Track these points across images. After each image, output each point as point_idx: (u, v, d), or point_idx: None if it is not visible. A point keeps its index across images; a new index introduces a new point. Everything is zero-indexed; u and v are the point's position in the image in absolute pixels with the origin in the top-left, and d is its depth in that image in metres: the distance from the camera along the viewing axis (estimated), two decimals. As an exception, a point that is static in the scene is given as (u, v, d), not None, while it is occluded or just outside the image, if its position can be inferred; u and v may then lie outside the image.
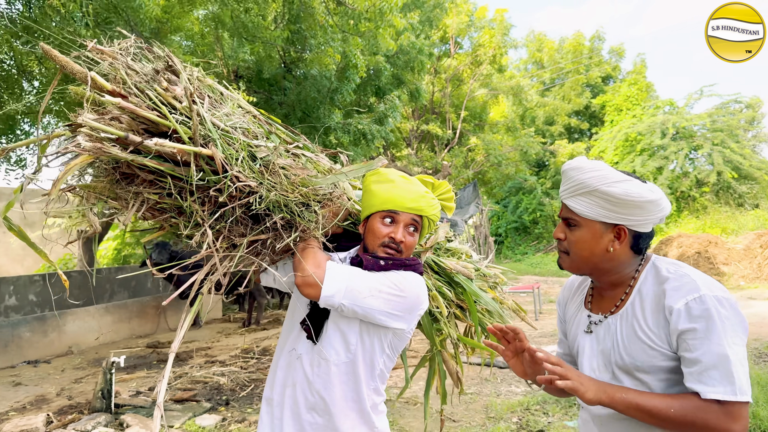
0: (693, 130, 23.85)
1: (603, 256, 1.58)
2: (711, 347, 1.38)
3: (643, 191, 1.51)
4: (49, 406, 6.02)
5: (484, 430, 5.05)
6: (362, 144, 9.75)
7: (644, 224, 1.55)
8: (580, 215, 1.58)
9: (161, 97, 1.75)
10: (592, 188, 1.53)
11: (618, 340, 1.56)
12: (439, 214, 1.98)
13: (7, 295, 9.18)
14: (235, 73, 9.88)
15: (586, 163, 1.58)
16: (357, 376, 1.89)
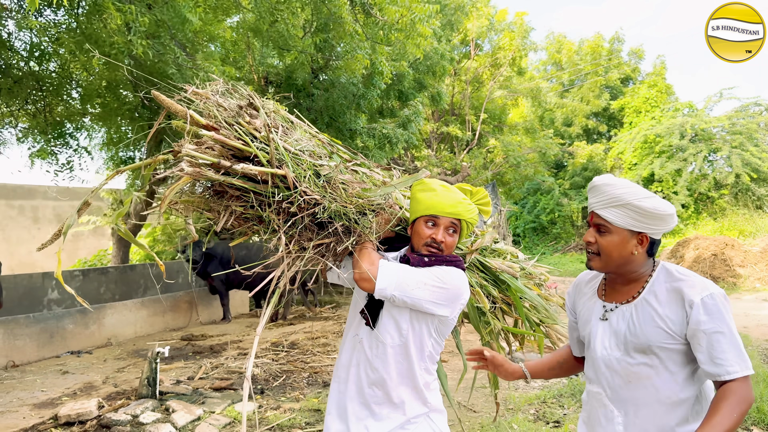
0: (712, 133, 23.88)
1: (627, 258, 1.91)
2: (723, 335, 1.75)
3: (666, 206, 1.86)
4: (98, 392, 6.48)
5: (503, 420, 5.39)
6: (386, 148, 10.13)
7: (660, 232, 1.90)
8: (612, 224, 1.90)
9: (245, 128, 2.16)
10: (625, 202, 1.85)
11: (634, 324, 1.90)
12: (477, 217, 2.32)
13: (50, 289, 9.72)
14: (265, 79, 10.31)
15: (617, 180, 1.91)
16: (409, 357, 2.27)
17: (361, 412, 2.32)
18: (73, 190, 16.65)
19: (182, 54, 6.55)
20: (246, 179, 2.16)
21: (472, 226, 2.33)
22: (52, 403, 6.13)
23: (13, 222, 15.01)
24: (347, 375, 2.36)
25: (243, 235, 2.57)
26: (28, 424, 5.40)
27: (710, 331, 1.76)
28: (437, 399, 2.40)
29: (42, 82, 7.49)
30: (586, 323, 2.10)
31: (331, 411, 2.40)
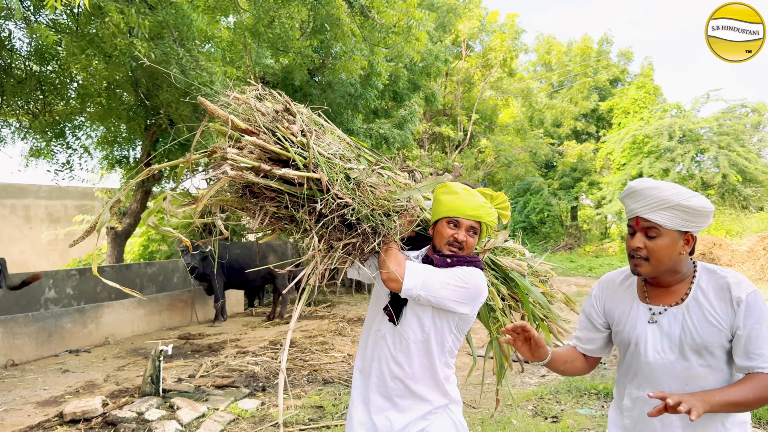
0: (699, 134, 24.21)
1: (676, 259, 1.93)
2: (763, 332, 1.83)
3: (709, 203, 1.91)
4: (100, 390, 6.53)
5: (502, 416, 5.50)
6: (383, 148, 10.22)
7: (701, 229, 1.95)
8: (662, 226, 1.90)
9: (283, 133, 2.25)
10: (674, 203, 1.86)
11: (689, 325, 1.93)
12: (496, 220, 2.44)
13: (47, 288, 9.73)
14: (262, 79, 10.36)
15: (660, 183, 1.92)
16: (431, 352, 2.38)
17: (384, 404, 2.43)
18: (66, 189, 16.59)
19: (186, 55, 6.60)
20: (282, 181, 2.25)
21: (491, 228, 2.43)
22: (55, 401, 6.17)
23: (5, 221, 14.93)
24: (370, 369, 2.46)
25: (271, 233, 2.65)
26: (33, 421, 5.44)
27: (750, 326, 1.84)
28: (456, 391, 2.51)
29: (43, 82, 7.51)
30: (632, 328, 2.09)
31: (356, 401, 2.51)
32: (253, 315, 12.11)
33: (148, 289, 11.82)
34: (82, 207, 16.04)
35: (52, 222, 15.97)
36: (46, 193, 16.09)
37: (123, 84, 8.27)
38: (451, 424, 2.47)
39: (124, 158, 12.00)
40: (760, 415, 5.12)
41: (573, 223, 29.39)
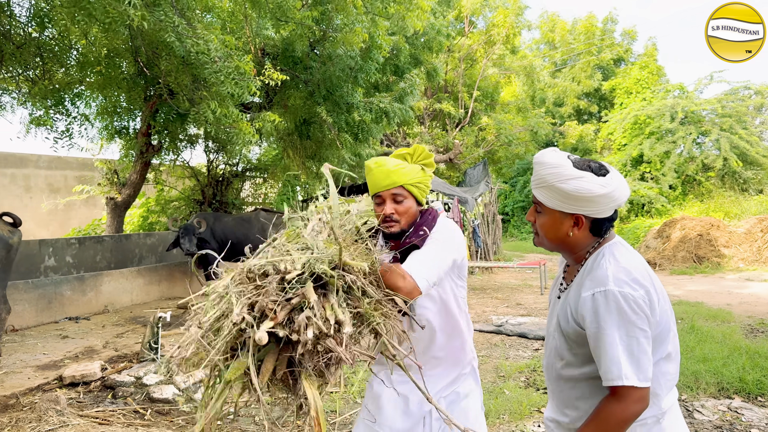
0: (702, 115, 24.11)
1: (564, 239, 1.79)
2: (602, 339, 1.62)
3: (593, 187, 1.67)
4: (99, 355, 6.62)
5: (495, 387, 5.59)
6: (384, 121, 10.20)
7: (600, 213, 1.73)
8: (544, 204, 1.79)
9: None
10: (548, 184, 1.73)
11: (563, 308, 1.83)
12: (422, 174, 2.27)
13: (47, 257, 9.79)
14: (262, 50, 10.31)
15: (548, 158, 1.75)
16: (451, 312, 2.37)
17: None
18: (65, 159, 16.59)
19: (182, 23, 6.56)
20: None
21: (422, 184, 2.30)
22: (55, 365, 6.26)
23: (5, 190, 14.95)
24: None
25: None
26: (33, 384, 5.53)
27: (591, 330, 1.66)
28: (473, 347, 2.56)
29: (42, 48, 7.48)
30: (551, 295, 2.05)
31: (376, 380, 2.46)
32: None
33: (147, 260, 11.90)
34: (81, 177, 16.04)
35: (52, 192, 15.99)
36: (46, 163, 16.09)
37: (123, 52, 8.23)
38: (475, 383, 2.51)
39: (123, 129, 11.98)
40: (749, 390, 5.20)
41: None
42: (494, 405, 4.92)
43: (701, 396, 5.13)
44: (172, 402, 5.14)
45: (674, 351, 1.78)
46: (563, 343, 1.82)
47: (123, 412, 4.87)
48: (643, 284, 1.65)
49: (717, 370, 5.53)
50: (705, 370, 5.53)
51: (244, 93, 7.18)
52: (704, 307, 9.04)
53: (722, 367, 5.62)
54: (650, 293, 1.65)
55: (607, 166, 1.77)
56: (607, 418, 1.64)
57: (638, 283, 1.64)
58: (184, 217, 13.18)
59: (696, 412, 4.77)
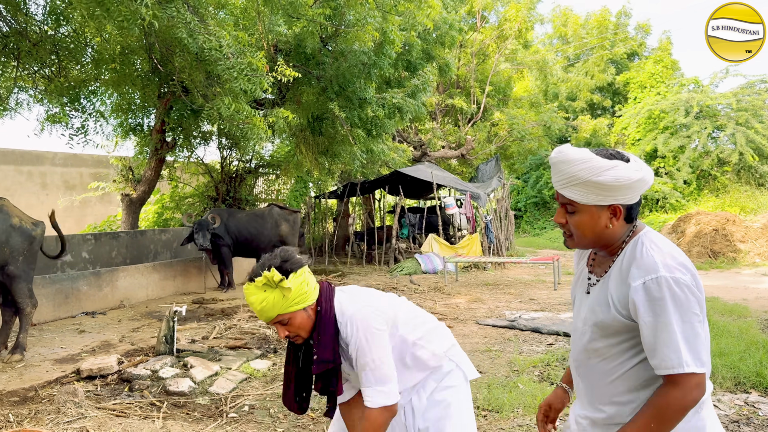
0: (717, 109, 23.85)
1: (603, 233, 1.74)
2: (662, 327, 1.57)
3: (629, 173, 1.67)
4: (116, 349, 6.69)
5: (509, 381, 5.58)
6: (396, 117, 10.20)
7: (634, 199, 1.72)
8: (577, 202, 1.73)
9: None
10: (584, 180, 1.68)
11: (595, 300, 1.78)
12: (284, 300, 2.15)
13: (63, 252, 9.89)
14: (274, 47, 10.34)
15: (573, 155, 1.72)
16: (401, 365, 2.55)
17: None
18: (80, 156, 16.76)
19: (194, 19, 6.60)
20: None
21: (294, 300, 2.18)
22: (72, 358, 6.34)
23: (22, 188, 15.14)
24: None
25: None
26: (51, 377, 5.60)
27: (648, 319, 1.61)
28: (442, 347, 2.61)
29: (58, 45, 7.56)
30: (574, 296, 2.00)
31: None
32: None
33: (162, 255, 12.00)
34: (97, 174, 16.19)
35: (68, 189, 16.17)
36: (61, 161, 16.28)
37: (137, 50, 8.30)
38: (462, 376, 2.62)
39: (138, 126, 12.09)
40: (766, 384, 5.16)
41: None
42: (508, 399, 4.92)
43: (718, 390, 5.10)
44: (188, 395, 5.18)
45: (707, 335, 1.74)
46: (599, 337, 1.77)
47: (139, 404, 4.92)
48: (690, 268, 1.64)
49: (734, 365, 5.49)
50: (721, 365, 5.50)
51: (257, 89, 7.21)
52: (720, 302, 8.97)
53: (739, 361, 5.58)
54: (696, 277, 1.64)
55: (623, 152, 1.76)
56: (666, 407, 1.60)
57: (686, 268, 1.63)
58: (198, 213, 13.28)
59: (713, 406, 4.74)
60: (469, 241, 15.05)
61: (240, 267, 12.10)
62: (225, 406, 4.92)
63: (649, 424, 1.61)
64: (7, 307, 6.45)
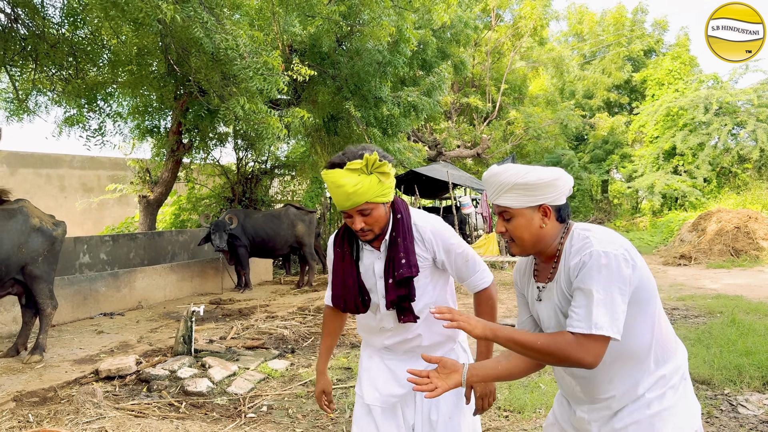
0: (737, 106, 23.47)
1: (539, 234, 1.91)
2: (583, 291, 1.73)
3: (549, 173, 1.88)
4: (134, 350, 6.70)
5: (530, 381, 5.50)
6: (412, 115, 10.14)
7: (559, 197, 1.91)
8: (511, 208, 1.91)
9: None
10: (511, 184, 1.87)
11: (556, 302, 1.91)
12: (382, 184, 2.19)
13: (82, 254, 9.96)
14: (290, 47, 10.33)
15: (500, 168, 1.93)
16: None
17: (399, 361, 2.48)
18: (98, 159, 16.89)
19: (211, 18, 6.59)
20: None
21: (384, 192, 2.22)
22: (91, 359, 6.35)
23: (41, 190, 15.28)
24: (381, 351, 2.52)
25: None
26: (71, 377, 5.61)
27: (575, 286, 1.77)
28: None
29: (75, 47, 7.59)
30: (532, 306, 2.11)
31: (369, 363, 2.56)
32: (282, 283, 12.26)
33: (179, 256, 12.03)
34: (114, 177, 16.31)
35: (86, 191, 16.30)
36: (79, 164, 16.41)
37: (153, 51, 8.31)
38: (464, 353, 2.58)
39: (155, 128, 12.15)
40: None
41: (603, 196, 28.93)
42: (530, 399, 4.84)
43: (745, 390, 4.97)
44: (207, 395, 5.16)
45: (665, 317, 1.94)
46: None
47: (158, 405, 4.91)
48: (623, 244, 1.80)
49: (761, 364, 5.35)
50: (748, 364, 5.37)
51: (273, 89, 7.19)
52: (744, 301, 8.79)
53: (767, 360, 5.44)
54: (630, 251, 1.79)
55: None
56: (560, 344, 1.71)
57: (618, 244, 1.79)
58: (215, 214, 13.32)
59: (740, 406, 4.62)
60: (485, 240, 14.94)
61: (256, 268, 12.11)
62: (243, 407, 4.89)
63: (536, 341, 1.74)
64: (27, 308, 6.48)
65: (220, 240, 10.12)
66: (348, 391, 5.22)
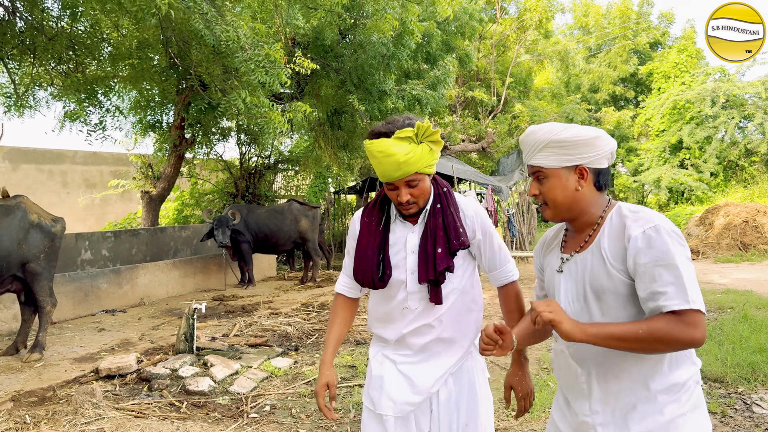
0: (744, 99, 23.27)
1: (574, 197, 1.81)
2: (666, 268, 1.60)
3: (588, 131, 1.78)
4: (135, 348, 6.60)
5: (539, 380, 5.38)
6: (416, 109, 10.00)
7: (598, 159, 1.80)
8: (545, 167, 1.82)
9: None
10: (546, 141, 1.78)
11: (588, 270, 1.78)
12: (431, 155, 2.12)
13: (83, 250, 9.87)
14: (292, 40, 10.19)
15: (535, 127, 1.85)
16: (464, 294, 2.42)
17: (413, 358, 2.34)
18: (100, 154, 16.81)
19: (211, 10, 6.45)
20: None
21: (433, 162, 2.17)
22: (91, 357, 6.26)
23: (43, 186, 15.20)
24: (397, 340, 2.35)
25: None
26: (70, 376, 5.51)
27: (649, 263, 1.63)
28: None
29: (74, 40, 7.47)
30: (549, 279, 2.00)
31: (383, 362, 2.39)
32: (285, 279, 12.16)
33: (182, 252, 11.94)
34: (117, 172, 16.23)
35: (89, 187, 16.22)
36: (82, 159, 16.33)
37: (154, 44, 8.19)
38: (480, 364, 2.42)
39: (157, 122, 12.04)
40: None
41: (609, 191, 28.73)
42: (539, 399, 4.72)
43: (759, 388, 4.84)
44: (208, 394, 5.06)
45: None
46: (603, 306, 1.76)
47: (158, 404, 4.81)
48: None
49: (776, 361, 5.22)
50: (762, 361, 5.24)
51: (275, 82, 7.06)
52: (754, 296, 8.65)
53: (781, 358, 5.31)
54: None
55: None
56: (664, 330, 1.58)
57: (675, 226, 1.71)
58: (218, 209, 13.22)
59: (755, 405, 4.50)
60: (491, 235, 14.77)
61: (259, 264, 12.01)
62: (245, 406, 4.79)
63: (638, 330, 1.60)
64: (26, 306, 6.39)
65: (223, 235, 10.02)
66: (352, 390, 5.11)
